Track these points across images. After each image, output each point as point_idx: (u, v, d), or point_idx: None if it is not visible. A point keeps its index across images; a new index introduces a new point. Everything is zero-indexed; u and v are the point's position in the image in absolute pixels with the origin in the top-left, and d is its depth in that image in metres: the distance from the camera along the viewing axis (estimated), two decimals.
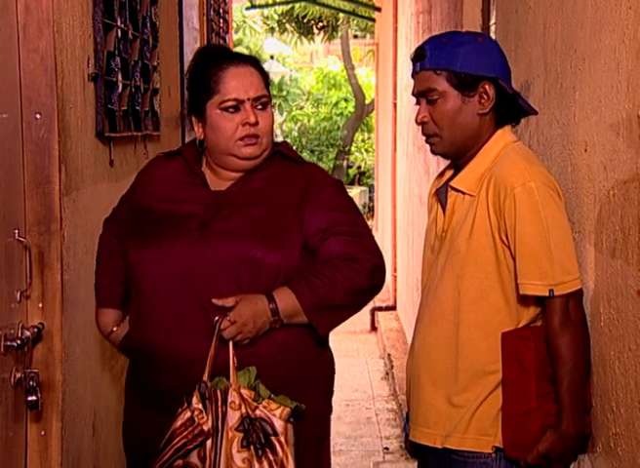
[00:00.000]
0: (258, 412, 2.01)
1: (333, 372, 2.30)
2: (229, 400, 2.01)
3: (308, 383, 2.19)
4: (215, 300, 2.09)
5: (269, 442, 2.00)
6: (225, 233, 2.14)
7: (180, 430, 2.00)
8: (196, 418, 2.00)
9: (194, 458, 2.00)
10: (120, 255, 2.29)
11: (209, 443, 2.00)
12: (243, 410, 2.00)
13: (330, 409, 2.30)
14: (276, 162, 2.26)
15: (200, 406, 2.01)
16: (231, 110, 2.17)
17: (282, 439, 2.00)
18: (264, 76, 2.24)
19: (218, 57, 2.24)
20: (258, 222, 2.15)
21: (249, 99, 2.17)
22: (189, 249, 2.13)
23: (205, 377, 2.04)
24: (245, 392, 2.03)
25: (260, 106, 2.20)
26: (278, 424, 2.01)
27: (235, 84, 2.17)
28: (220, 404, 2.02)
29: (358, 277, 2.15)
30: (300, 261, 2.16)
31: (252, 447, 1.99)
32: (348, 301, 2.16)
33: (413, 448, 2.26)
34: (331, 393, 2.30)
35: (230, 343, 2.06)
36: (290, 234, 2.16)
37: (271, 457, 1.99)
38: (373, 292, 2.23)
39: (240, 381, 2.04)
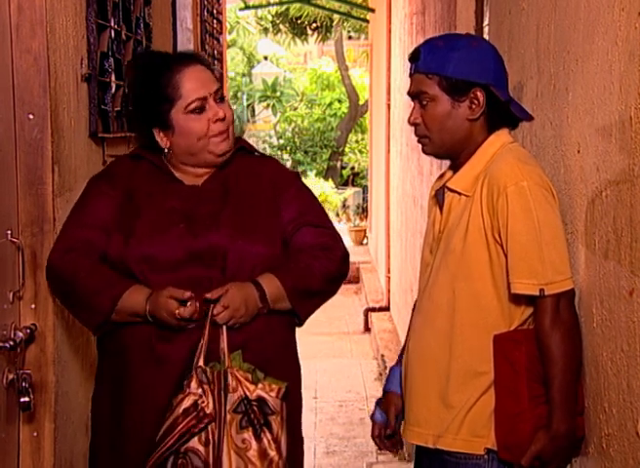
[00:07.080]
0: (256, 393, 2.07)
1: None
2: (227, 383, 2.07)
3: (288, 362, 2.29)
4: (208, 296, 2.11)
5: (267, 421, 2.07)
6: (211, 227, 2.19)
7: (184, 416, 2.05)
8: (199, 403, 2.05)
9: (195, 443, 2.05)
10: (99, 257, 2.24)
11: (211, 426, 2.06)
12: (240, 392, 2.07)
13: (301, 383, 2.36)
14: (240, 156, 2.33)
15: (200, 391, 2.06)
16: (197, 111, 2.19)
17: (278, 417, 2.08)
18: (211, 69, 2.28)
19: (160, 63, 2.24)
20: (240, 216, 2.22)
21: (210, 95, 2.20)
22: (178, 241, 2.17)
23: (201, 363, 2.08)
24: (240, 374, 2.09)
25: (219, 99, 2.23)
26: (275, 403, 2.09)
27: (193, 84, 2.19)
28: (220, 387, 2.07)
29: (332, 265, 2.28)
30: (281, 250, 2.25)
31: (251, 427, 2.05)
32: (324, 287, 2.29)
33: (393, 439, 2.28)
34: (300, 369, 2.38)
35: (224, 328, 2.11)
36: (271, 224, 2.24)
37: (269, 436, 2.07)
38: (342, 279, 2.37)
39: (233, 364, 2.10)
